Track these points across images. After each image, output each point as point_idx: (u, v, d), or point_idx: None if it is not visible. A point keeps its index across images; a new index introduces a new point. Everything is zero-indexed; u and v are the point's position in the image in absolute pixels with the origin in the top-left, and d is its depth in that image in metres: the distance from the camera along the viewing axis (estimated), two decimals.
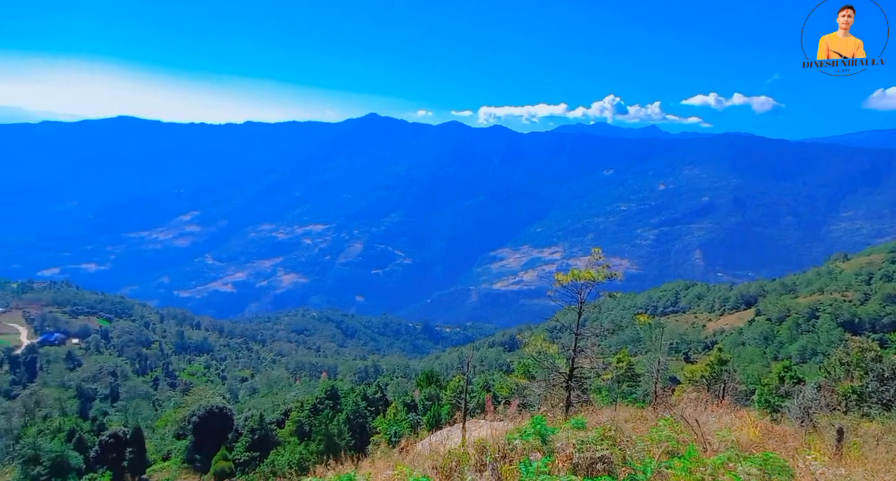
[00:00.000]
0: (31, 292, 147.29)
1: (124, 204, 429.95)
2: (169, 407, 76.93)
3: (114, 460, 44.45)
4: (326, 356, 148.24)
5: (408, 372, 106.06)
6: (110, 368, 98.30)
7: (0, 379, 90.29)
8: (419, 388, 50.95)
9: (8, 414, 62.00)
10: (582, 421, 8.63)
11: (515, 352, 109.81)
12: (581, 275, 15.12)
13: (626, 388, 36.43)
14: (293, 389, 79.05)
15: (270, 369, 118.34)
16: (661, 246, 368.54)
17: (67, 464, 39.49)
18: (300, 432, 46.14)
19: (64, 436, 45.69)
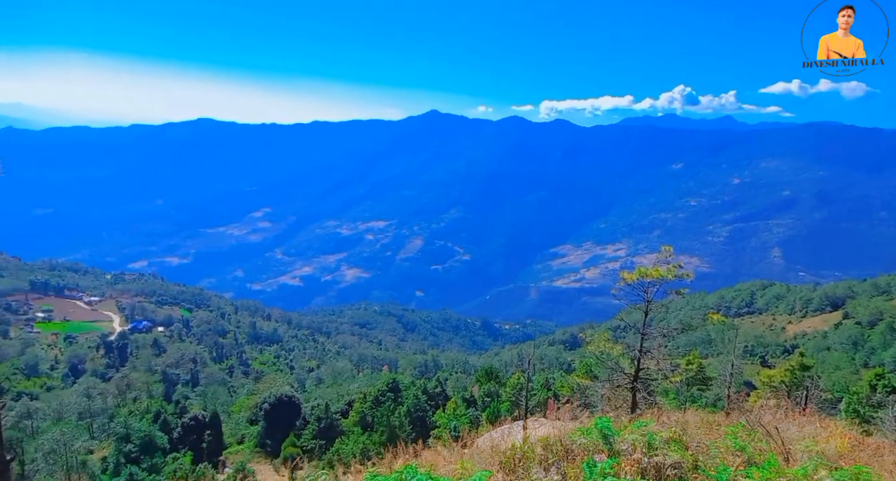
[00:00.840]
0: (122, 283, 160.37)
1: (203, 201, 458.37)
2: (242, 393, 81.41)
3: (194, 441, 47.63)
4: (387, 349, 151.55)
5: (467, 367, 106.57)
6: (191, 355, 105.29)
7: (97, 363, 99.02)
8: (478, 384, 51.06)
9: (104, 395, 67.91)
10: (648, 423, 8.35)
11: (577, 351, 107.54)
12: (648, 274, 14.58)
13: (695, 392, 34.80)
14: (356, 381, 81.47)
15: (335, 360, 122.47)
16: (735, 243, 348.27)
17: (154, 444, 42.69)
18: (363, 423, 47.53)
19: (151, 417, 49.49)
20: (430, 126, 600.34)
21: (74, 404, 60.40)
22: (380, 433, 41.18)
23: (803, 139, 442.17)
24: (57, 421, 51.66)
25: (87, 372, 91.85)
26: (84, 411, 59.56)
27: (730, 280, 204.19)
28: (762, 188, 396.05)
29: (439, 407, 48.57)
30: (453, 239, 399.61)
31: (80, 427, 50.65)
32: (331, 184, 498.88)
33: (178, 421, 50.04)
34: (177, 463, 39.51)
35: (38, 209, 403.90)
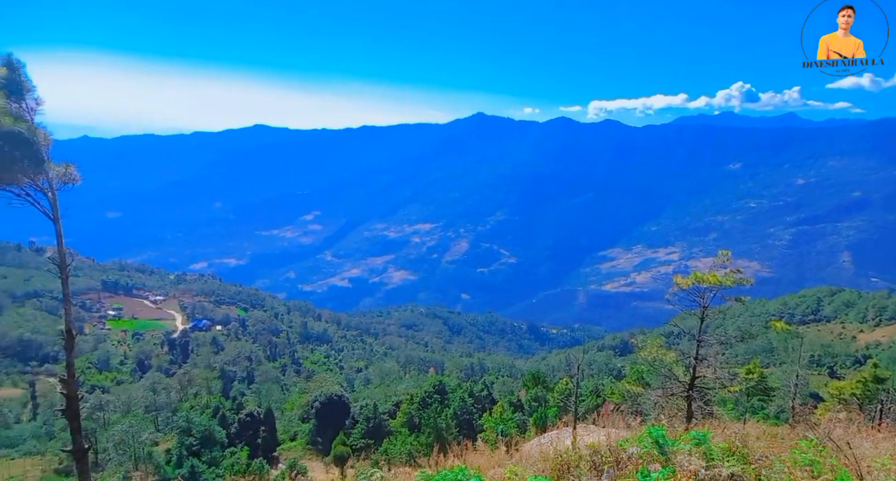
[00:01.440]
0: (184, 283, 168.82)
1: (258, 204, 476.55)
2: (295, 391, 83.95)
3: (250, 437, 49.55)
4: (434, 351, 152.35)
5: (513, 371, 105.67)
6: (246, 353, 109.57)
7: (161, 359, 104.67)
8: (525, 389, 50.59)
9: (167, 390, 71.76)
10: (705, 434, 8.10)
11: (627, 357, 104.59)
12: (705, 279, 14.08)
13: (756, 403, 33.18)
14: (403, 382, 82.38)
15: (382, 361, 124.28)
16: (798, 247, 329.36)
17: (214, 438, 44.69)
18: (410, 424, 48.03)
19: (210, 412, 51.83)
20: (476, 128, 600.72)
21: (141, 398, 64.17)
22: (427, 434, 41.51)
23: (876, 136, 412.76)
24: (126, 413, 55.02)
25: (153, 367, 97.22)
26: (150, 405, 63.13)
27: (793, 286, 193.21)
28: (829, 189, 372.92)
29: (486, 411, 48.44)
30: (499, 241, 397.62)
31: (147, 419, 53.71)
32: (378, 187, 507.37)
33: (235, 416, 52.15)
34: (234, 458, 41.22)
35: (110, 212, 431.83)
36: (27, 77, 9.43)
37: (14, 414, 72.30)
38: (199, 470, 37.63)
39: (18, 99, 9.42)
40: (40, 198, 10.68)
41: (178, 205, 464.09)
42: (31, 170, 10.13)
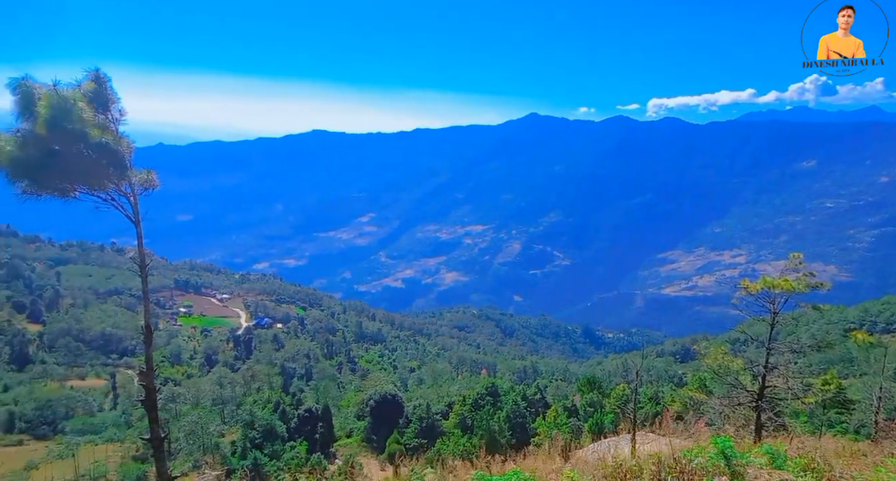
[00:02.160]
0: (248, 282, 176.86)
1: (316, 207, 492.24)
2: (350, 389, 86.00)
3: (308, 432, 51.21)
4: (486, 353, 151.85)
5: (567, 375, 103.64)
6: (305, 351, 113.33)
7: (227, 355, 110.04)
8: (580, 393, 49.51)
9: (233, 384, 75.38)
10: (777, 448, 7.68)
11: (689, 364, 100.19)
12: (776, 284, 13.32)
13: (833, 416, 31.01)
14: (456, 383, 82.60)
15: (435, 362, 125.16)
16: (881, 250, 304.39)
17: (275, 432, 46.56)
18: (463, 425, 48.12)
19: (272, 407, 54.01)
20: (530, 129, 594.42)
21: (209, 391, 67.73)
22: (479, 436, 41.46)
23: None
24: (195, 405, 58.26)
25: (220, 362, 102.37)
26: (217, 398, 66.53)
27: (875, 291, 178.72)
28: None
29: (539, 415, 47.81)
30: (552, 243, 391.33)
31: (214, 412, 56.64)
32: (431, 189, 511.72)
33: (295, 412, 54.07)
34: (293, 452, 42.76)
35: (181, 215, 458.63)
36: (112, 90, 10.15)
37: (97, 403, 78.12)
38: (261, 463, 39.28)
39: (104, 110, 10.16)
40: (123, 202, 11.42)
41: (242, 208, 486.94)
42: (115, 176, 10.88)
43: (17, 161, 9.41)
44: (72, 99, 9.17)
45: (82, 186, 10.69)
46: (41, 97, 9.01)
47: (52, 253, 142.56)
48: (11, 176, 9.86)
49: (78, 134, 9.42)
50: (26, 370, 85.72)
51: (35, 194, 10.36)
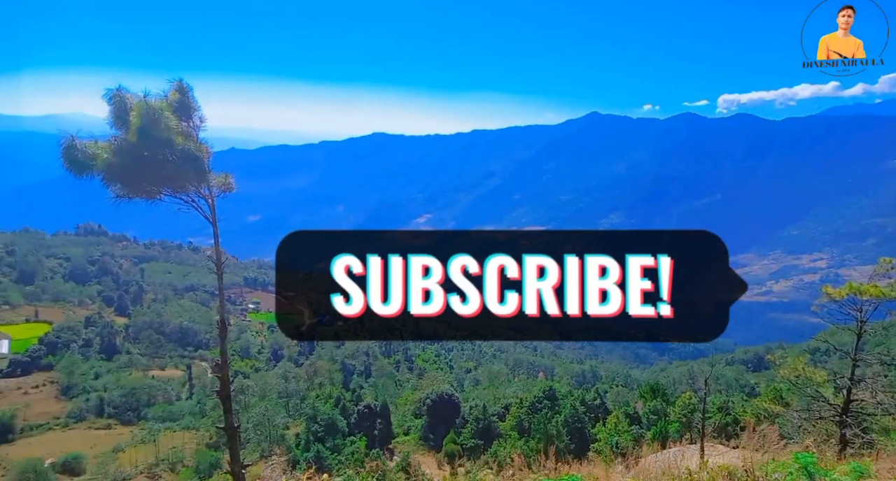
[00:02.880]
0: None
1: (375, 208, 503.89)
2: (408, 387, 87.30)
3: (367, 428, 52.50)
4: (543, 356, 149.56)
5: (628, 381, 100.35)
6: (364, 349, 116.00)
7: (292, 350, 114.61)
8: (643, 400, 47.83)
9: (297, 379, 78.47)
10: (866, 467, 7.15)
11: (763, 374, 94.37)
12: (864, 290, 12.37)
13: None
14: (512, 385, 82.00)
15: (491, 363, 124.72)
16: None
17: (336, 426, 48.07)
18: (520, 427, 47.72)
19: (333, 402, 55.79)
20: (590, 128, 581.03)
21: (275, 384, 70.89)
22: (537, 440, 40.96)
23: None
24: (262, 397, 61.15)
25: (285, 357, 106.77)
26: (282, 391, 69.51)
27: None
28: None
29: (599, 420, 46.63)
30: None
31: (280, 405, 59.24)
32: (488, 190, 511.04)
33: (354, 407, 55.58)
34: (353, 447, 43.98)
35: (251, 216, 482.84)
36: (194, 99, 10.90)
37: (175, 393, 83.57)
38: (323, 456, 40.66)
39: (187, 118, 10.92)
40: (202, 204, 12.17)
41: (307, 209, 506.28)
42: (196, 180, 11.66)
43: (112, 166, 10.30)
44: (159, 108, 9.94)
45: (167, 189, 11.55)
46: (133, 107, 9.83)
47: (136, 251, 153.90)
48: (106, 179, 10.80)
49: (164, 140, 10.19)
50: (114, 359, 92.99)
51: (126, 196, 11.29)
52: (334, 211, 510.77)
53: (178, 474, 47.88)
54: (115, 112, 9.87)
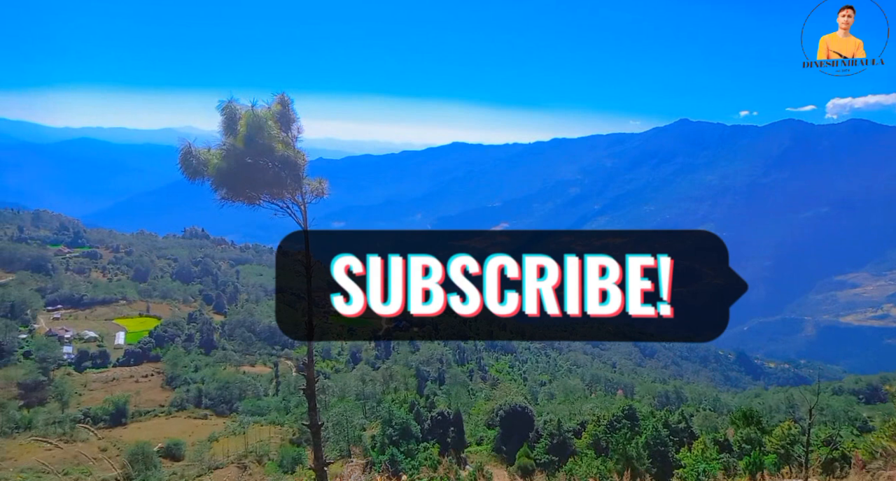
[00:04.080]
0: None
1: (452, 217, 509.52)
2: (481, 397, 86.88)
3: (440, 435, 52.82)
4: (623, 373, 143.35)
5: (717, 406, 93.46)
6: (438, 356, 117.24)
7: (369, 354, 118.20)
8: (734, 427, 44.30)
9: (373, 382, 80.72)
10: None
11: (877, 407, 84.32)
12: None
13: None
14: (589, 401, 79.18)
15: (566, 378, 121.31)
16: None
17: (410, 431, 48.82)
18: (597, 446, 45.92)
19: (407, 407, 56.72)
20: (679, 136, 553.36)
21: (353, 386, 73.33)
22: (615, 460, 39.19)
23: None
24: (341, 398, 63.45)
25: (362, 360, 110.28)
26: (360, 393, 71.74)
27: None
28: None
29: (684, 445, 43.78)
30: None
31: (357, 406, 61.16)
32: (566, 200, 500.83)
33: (428, 414, 56.14)
34: (427, 453, 44.40)
35: (335, 223, 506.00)
36: (294, 111, 11.67)
37: (263, 388, 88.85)
38: (398, 459, 41.40)
39: (287, 128, 11.72)
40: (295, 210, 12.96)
41: (386, 217, 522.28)
42: (292, 186, 12.45)
43: (220, 171, 11.25)
44: (264, 118, 10.80)
45: (266, 194, 12.46)
46: (241, 117, 10.76)
47: (233, 253, 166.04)
48: (214, 184, 11.83)
49: (266, 148, 11.01)
50: (211, 354, 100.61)
51: (230, 201, 12.27)
52: (412, 218, 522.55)
53: (263, 466, 50.75)
54: (225, 121, 10.84)
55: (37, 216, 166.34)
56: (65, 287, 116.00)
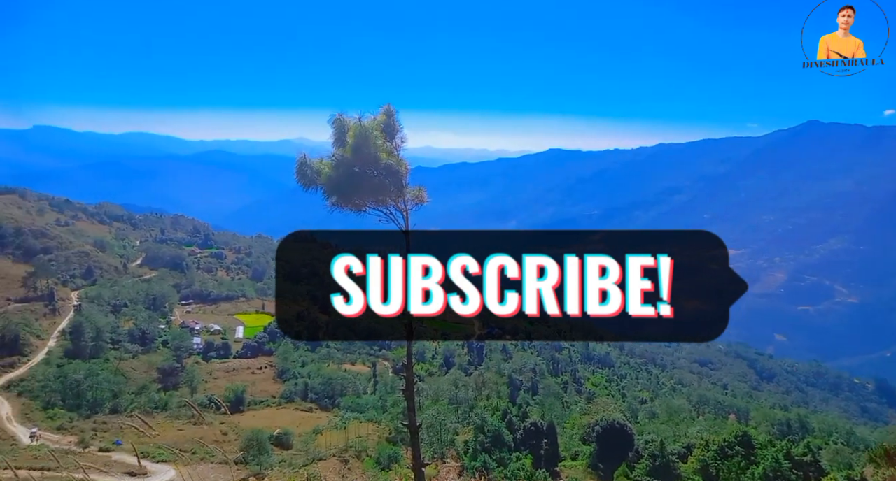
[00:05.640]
0: None
1: (548, 224, 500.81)
2: (576, 410, 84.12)
3: (533, 446, 51.88)
4: (735, 396, 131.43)
5: (851, 440, 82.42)
6: (531, 365, 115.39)
7: (462, 359, 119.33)
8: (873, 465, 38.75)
9: (466, 387, 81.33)
10: None
11: None
12: None
13: None
14: (696, 424, 73.61)
15: (670, 396, 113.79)
16: None
17: (502, 439, 48.53)
18: (705, 473, 42.55)
19: (500, 415, 56.43)
20: (806, 139, 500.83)
21: (446, 390, 74.39)
22: None
23: None
24: (434, 401, 64.61)
25: (455, 365, 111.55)
26: (452, 398, 72.61)
27: None
28: None
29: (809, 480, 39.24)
30: (832, 275, 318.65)
31: (450, 410, 61.94)
32: (671, 208, 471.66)
33: (521, 423, 55.42)
34: (519, 463, 43.80)
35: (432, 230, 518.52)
36: (398, 121, 12.28)
37: (362, 387, 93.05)
38: (490, 467, 41.30)
39: (391, 138, 12.33)
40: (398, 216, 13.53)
41: (481, 223, 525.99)
42: (395, 194, 13.03)
43: (331, 180, 12.13)
44: (370, 128, 11.50)
45: (371, 202, 13.18)
46: (350, 128, 11.55)
47: None
48: (326, 192, 12.75)
49: (372, 158, 11.68)
50: (316, 351, 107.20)
51: (340, 207, 13.14)
52: (507, 225, 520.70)
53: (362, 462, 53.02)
54: (335, 133, 11.70)
55: (175, 220, 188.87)
56: (196, 284, 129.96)
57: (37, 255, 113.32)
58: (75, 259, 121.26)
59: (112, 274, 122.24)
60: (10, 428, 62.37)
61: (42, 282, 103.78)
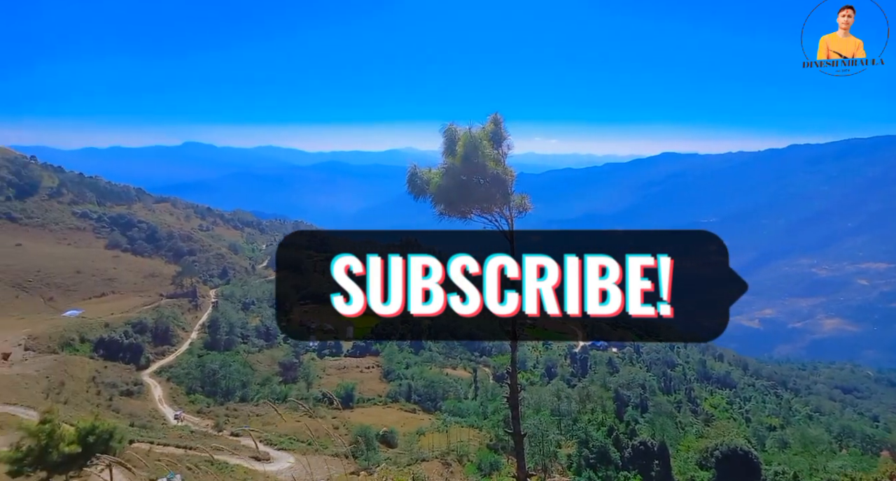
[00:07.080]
0: None
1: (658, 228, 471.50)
2: (691, 432, 77.99)
3: (642, 467, 48.93)
4: (889, 430, 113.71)
5: None
6: (640, 380, 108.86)
7: (564, 370, 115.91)
8: None
9: (569, 399, 78.78)
10: None
11: None
12: None
13: None
14: (838, 458, 64.77)
15: (805, 425, 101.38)
16: None
17: (608, 456, 46.35)
18: None
19: (605, 431, 54.00)
20: None
21: (548, 401, 72.63)
22: None
23: None
24: (536, 411, 63.33)
25: (557, 376, 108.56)
26: (554, 409, 70.71)
27: None
28: None
29: None
30: None
31: (552, 421, 60.33)
32: (808, 215, 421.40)
33: (629, 441, 52.56)
34: None
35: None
36: (505, 129, 12.37)
37: (463, 391, 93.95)
38: None
39: (498, 146, 12.44)
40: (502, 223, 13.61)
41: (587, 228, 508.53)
42: (500, 201, 13.11)
43: (440, 188, 12.45)
44: (479, 138, 11.67)
45: (477, 210, 13.32)
46: (459, 138, 11.79)
47: None
48: (435, 201, 13.09)
49: (480, 166, 11.85)
50: (420, 354, 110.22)
51: (447, 216, 13.43)
52: None
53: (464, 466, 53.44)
54: (446, 142, 12.01)
55: (296, 226, 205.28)
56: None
57: (184, 257, 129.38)
58: (214, 260, 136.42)
59: (243, 274, 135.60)
60: (160, 409, 71.46)
61: (187, 280, 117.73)
